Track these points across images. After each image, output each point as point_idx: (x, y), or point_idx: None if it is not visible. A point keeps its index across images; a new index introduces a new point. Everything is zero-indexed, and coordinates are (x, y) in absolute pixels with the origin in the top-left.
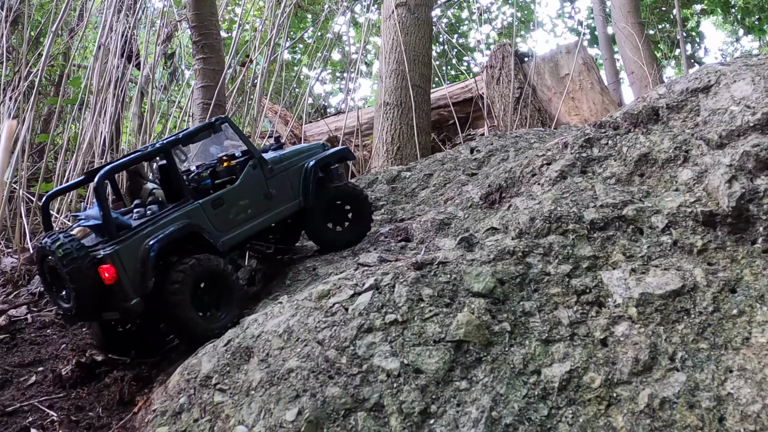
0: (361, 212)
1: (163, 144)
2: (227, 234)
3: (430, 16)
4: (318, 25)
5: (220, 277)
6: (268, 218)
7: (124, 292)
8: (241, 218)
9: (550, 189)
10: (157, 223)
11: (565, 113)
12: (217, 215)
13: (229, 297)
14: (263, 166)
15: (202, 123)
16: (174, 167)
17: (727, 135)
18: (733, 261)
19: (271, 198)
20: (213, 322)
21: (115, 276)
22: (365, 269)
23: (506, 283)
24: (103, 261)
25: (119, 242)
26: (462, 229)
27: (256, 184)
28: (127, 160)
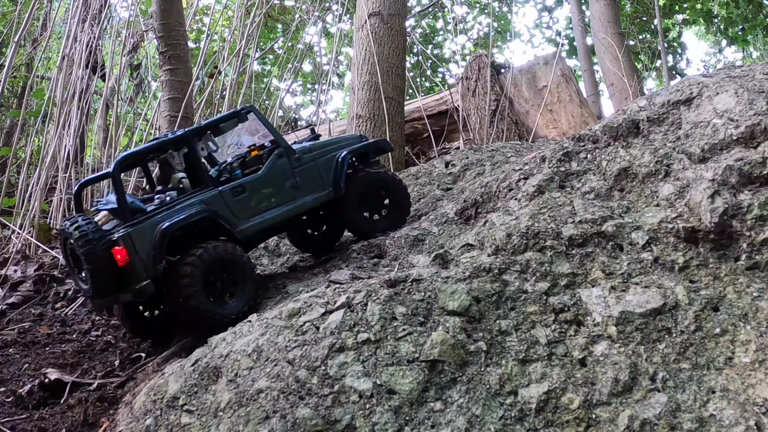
0: (397, 199)
1: (183, 132)
2: (247, 222)
3: (404, 26)
4: (288, 36)
5: (233, 263)
6: (294, 208)
7: (136, 273)
8: (263, 207)
9: (528, 204)
10: (172, 208)
11: (542, 126)
12: (237, 202)
13: (243, 283)
14: (290, 156)
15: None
16: (195, 155)
17: (710, 149)
18: (716, 278)
19: (297, 188)
20: (225, 309)
21: (127, 258)
22: (337, 287)
23: (482, 301)
24: (117, 243)
25: (132, 225)
26: (437, 246)
27: (280, 174)
28: (144, 147)
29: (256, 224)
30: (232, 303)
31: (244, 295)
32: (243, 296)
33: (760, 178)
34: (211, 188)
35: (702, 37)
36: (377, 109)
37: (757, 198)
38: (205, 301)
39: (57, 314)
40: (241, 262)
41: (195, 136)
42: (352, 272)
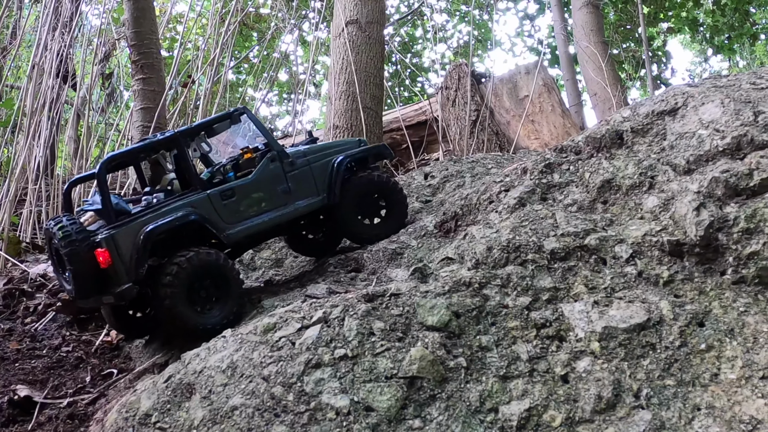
0: (395, 203)
1: (172, 133)
2: (235, 226)
3: (382, 34)
4: (264, 44)
5: (218, 271)
6: (285, 213)
7: (118, 276)
8: (252, 211)
9: (509, 217)
10: (158, 210)
11: (524, 137)
12: (225, 207)
13: (227, 291)
14: (282, 160)
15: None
16: (184, 157)
17: (695, 160)
18: (701, 293)
19: (289, 193)
20: (209, 317)
21: (110, 260)
22: (313, 301)
23: (462, 316)
24: (99, 245)
25: (116, 227)
26: (415, 259)
27: (272, 178)
28: (132, 148)
29: (244, 229)
30: (215, 312)
31: (228, 303)
32: (227, 305)
33: (746, 190)
34: (199, 191)
35: (687, 46)
36: (355, 119)
37: (744, 210)
38: (188, 310)
39: (27, 329)
40: (225, 269)
41: (185, 137)
42: (329, 286)
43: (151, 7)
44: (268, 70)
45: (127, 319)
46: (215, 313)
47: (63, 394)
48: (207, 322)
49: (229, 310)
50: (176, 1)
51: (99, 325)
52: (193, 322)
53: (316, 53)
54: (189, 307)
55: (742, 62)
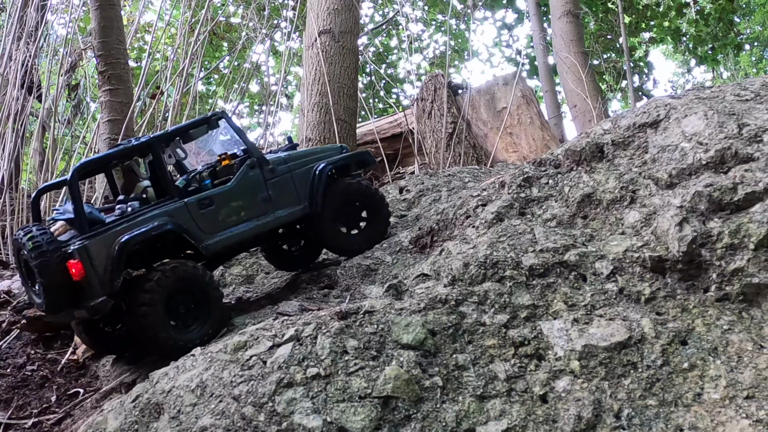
0: (376, 212)
1: (148, 138)
2: (214, 236)
3: (356, 44)
4: (234, 54)
5: (196, 285)
6: (265, 223)
7: (92, 289)
8: (231, 221)
9: (486, 232)
10: (133, 220)
11: (502, 150)
12: (203, 216)
13: (207, 306)
14: (263, 167)
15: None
16: (160, 163)
17: (678, 174)
18: (684, 310)
19: (270, 201)
20: (187, 334)
21: (83, 272)
22: (285, 319)
23: (438, 334)
24: (72, 256)
25: (89, 237)
26: (390, 276)
27: (252, 185)
28: (106, 154)
29: (223, 239)
30: (195, 328)
31: (209, 318)
32: (207, 320)
33: (730, 204)
34: (176, 199)
35: (670, 57)
36: (328, 131)
37: (728, 226)
38: (166, 327)
39: None
40: (204, 283)
41: (161, 143)
42: (301, 303)
43: (118, 16)
44: (238, 81)
45: (100, 335)
46: (194, 330)
47: (28, 414)
48: (188, 339)
49: (208, 328)
50: (144, 10)
51: (65, 344)
52: (174, 341)
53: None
54: (166, 323)
55: (726, 73)
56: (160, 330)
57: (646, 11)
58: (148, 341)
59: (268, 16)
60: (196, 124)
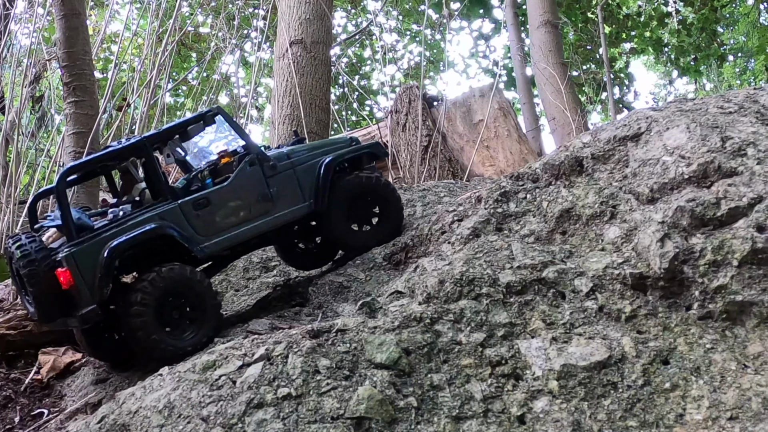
0: (388, 207)
1: (137, 140)
2: (210, 239)
3: (329, 55)
4: (203, 65)
5: (190, 289)
6: (267, 222)
7: (81, 297)
8: (230, 222)
9: (462, 248)
10: (124, 224)
11: (478, 164)
12: (199, 217)
13: (202, 311)
14: (262, 163)
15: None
16: (152, 164)
17: (659, 188)
18: (666, 329)
19: (271, 199)
20: (182, 340)
21: (71, 280)
22: (255, 337)
23: (412, 354)
24: (60, 264)
25: (77, 244)
26: (363, 293)
27: (251, 184)
28: (94, 157)
29: (221, 242)
30: (190, 333)
31: (204, 323)
32: (202, 325)
33: (713, 220)
34: (169, 200)
35: (651, 68)
36: None
37: (711, 242)
38: (160, 333)
39: None
40: (198, 287)
41: (151, 143)
42: (272, 321)
43: (84, 26)
44: (207, 92)
45: (101, 342)
46: (189, 335)
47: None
48: (183, 346)
49: (205, 333)
50: (111, 20)
51: (28, 363)
52: (168, 347)
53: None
54: (161, 331)
55: (709, 85)
56: (152, 335)
57: (627, 21)
58: (141, 347)
59: (238, 25)
60: (192, 121)
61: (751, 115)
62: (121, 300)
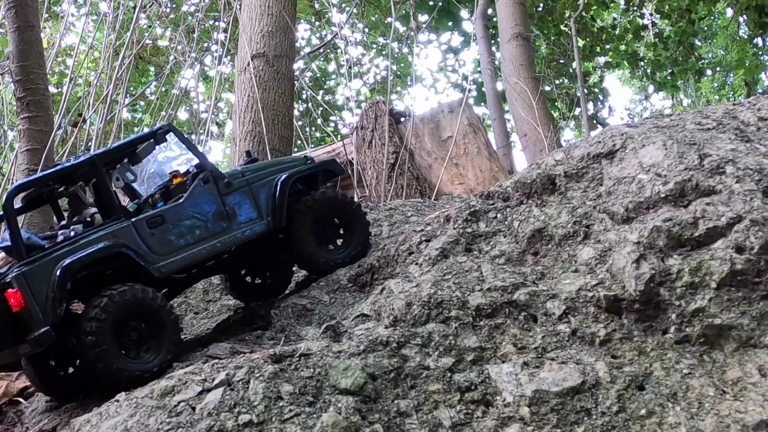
0: (356, 225)
1: (88, 157)
2: (166, 258)
3: (292, 69)
4: (162, 80)
5: (147, 310)
6: (224, 241)
7: (33, 319)
8: (186, 240)
9: (430, 270)
10: (76, 243)
11: (447, 182)
12: (154, 236)
13: (160, 334)
14: (217, 181)
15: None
16: (103, 183)
17: (635, 208)
18: (641, 353)
19: (227, 217)
20: (141, 364)
21: (22, 302)
22: (215, 362)
23: (378, 379)
24: (10, 285)
25: (28, 263)
26: (327, 316)
27: (206, 201)
28: (43, 175)
29: (178, 261)
30: (149, 356)
31: (164, 345)
32: (163, 347)
33: (691, 240)
34: (122, 219)
35: (626, 83)
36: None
37: (688, 263)
38: (118, 358)
39: None
40: (156, 307)
41: (103, 161)
42: (233, 345)
43: (38, 38)
44: (166, 108)
45: (52, 377)
46: (149, 358)
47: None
48: (143, 369)
49: (165, 355)
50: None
51: None
52: (127, 372)
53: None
54: (119, 356)
55: (686, 100)
56: (112, 360)
57: (602, 34)
58: (100, 373)
59: (198, 38)
60: (142, 139)
61: (730, 132)
62: (74, 330)
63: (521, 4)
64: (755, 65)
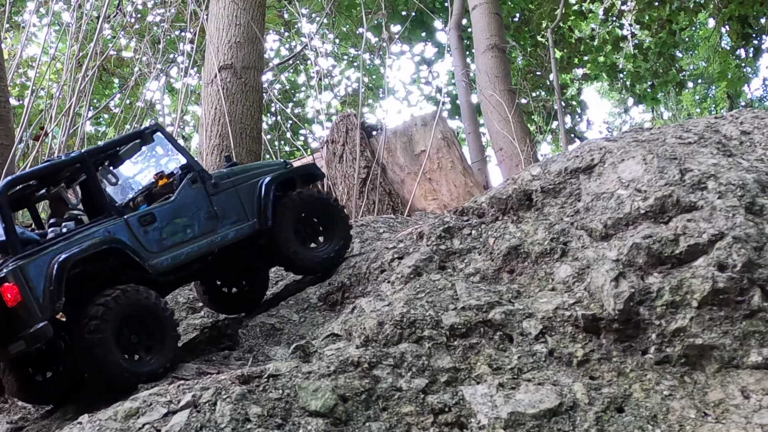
0: (334, 221)
1: (79, 154)
2: (159, 256)
3: (260, 81)
4: (126, 92)
5: (150, 313)
6: (212, 241)
7: (30, 314)
8: (177, 238)
9: (402, 288)
10: (71, 238)
11: (420, 197)
12: (146, 233)
13: (161, 337)
14: (205, 181)
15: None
16: (94, 181)
17: (614, 224)
18: (621, 374)
19: (216, 218)
20: (140, 366)
21: (19, 296)
22: (181, 383)
23: (349, 401)
24: (5, 279)
25: (24, 257)
26: (297, 336)
27: (196, 201)
28: (35, 170)
29: (171, 259)
30: (149, 359)
31: (164, 348)
32: (162, 350)
33: (671, 258)
34: (115, 217)
35: (605, 95)
36: None
37: (669, 281)
38: (119, 358)
39: None
40: (157, 309)
41: (93, 158)
42: (199, 366)
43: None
44: (130, 121)
45: (29, 382)
46: (150, 360)
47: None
48: (143, 372)
49: (165, 358)
50: (27, 43)
51: None
52: (126, 373)
53: (186, 102)
54: (120, 357)
55: (666, 113)
56: (109, 354)
57: (580, 45)
58: (96, 367)
59: (164, 49)
60: (129, 139)
61: (712, 146)
62: (71, 325)
63: (497, 14)
64: (738, 77)
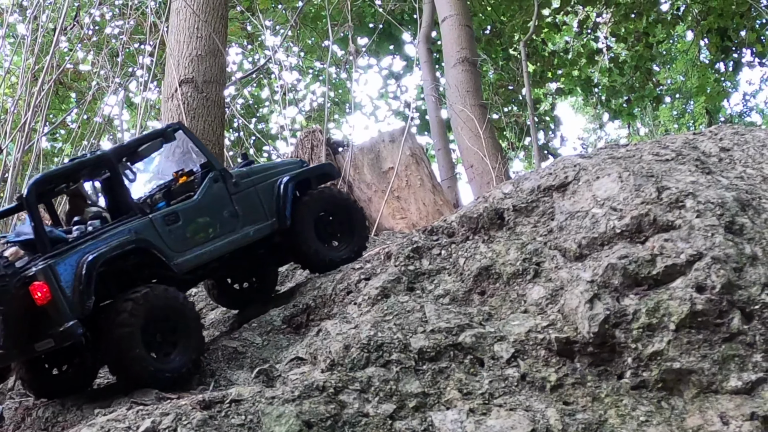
0: (352, 220)
1: (105, 152)
2: (183, 255)
3: (222, 95)
4: (84, 107)
5: (177, 313)
6: (235, 239)
7: (60, 313)
8: (200, 237)
9: (370, 310)
10: (98, 237)
11: (388, 216)
12: (171, 232)
13: (186, 333)
14: (226, 180)
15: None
16: (118, 179)
17: (589, 244)
18: (595, 399)
19: (237, 216)
20: (168, 364)
21: (49, 294)
22: (140, 408)
23: (314, 426)
24: (35, 278)
25: (54, 256)
26: (260, 360)
27: (218, 200)
28: (63, 168)
29: (194, 258)
30: (175, 357)
31: (189, 347)
32: (187, 349)
33: (648, 279)
34: (139, 216)
35: (579, 110)
36: None
37: (645, 303)
38: (144, 354)
39: None
40: (184, 308)
41: (118, 157)
42: (159, 391)
43: None
44: (88, 137)
45: (44, 377)
46: (175, 358)
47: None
48: (169, 369)
49: (191, 355)
50: None
51: None
52: (154, 371)
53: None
54: (147, 354)
55: (643, 129)
56: (138, 359)
57: (553, 58)
58: (127, 369)
59: (122, 63)
60: (151, 137)
61: (690, 163)
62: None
63: (467, 27)
64: (717, 92)
